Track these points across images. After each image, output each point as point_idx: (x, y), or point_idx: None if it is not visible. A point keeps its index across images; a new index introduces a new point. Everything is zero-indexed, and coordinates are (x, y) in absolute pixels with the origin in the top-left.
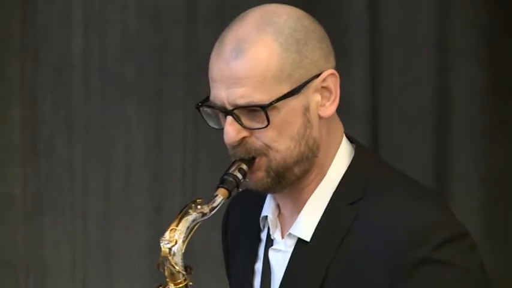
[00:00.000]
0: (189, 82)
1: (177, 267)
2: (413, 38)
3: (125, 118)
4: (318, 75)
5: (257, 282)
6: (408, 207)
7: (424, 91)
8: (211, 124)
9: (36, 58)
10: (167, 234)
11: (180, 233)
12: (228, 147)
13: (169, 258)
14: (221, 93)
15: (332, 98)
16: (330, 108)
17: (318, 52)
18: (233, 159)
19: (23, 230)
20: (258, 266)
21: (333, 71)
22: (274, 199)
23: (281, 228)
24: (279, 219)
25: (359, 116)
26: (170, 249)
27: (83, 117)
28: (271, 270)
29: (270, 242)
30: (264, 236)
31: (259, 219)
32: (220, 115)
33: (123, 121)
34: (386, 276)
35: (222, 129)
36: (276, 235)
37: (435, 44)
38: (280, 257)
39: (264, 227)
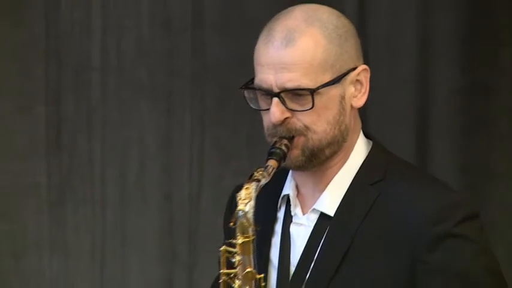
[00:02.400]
0: (196, 83)
1: (249, 222)
2: (398, 42)
3: (138, 116)
4: (353, 69)
5: (274, 254)
6: (428, 188)
7: (407, 91)
8: (252, 105)
9: (59, 60)
10: (243, 193)
11: (251, 192)
12: (270, 126)
13: (245, 211)
14: (269, 77)
15: (363, 91)
16: (361, 99)
17: (354, 48)
18: (274, 138)
19: (48, 216)
20: (275, 240)
21: (366, 66)
22: (294, 180)
23: (301, 206)
24: (298, 199)
25: None
26: (246, 203)
27: (100, 115)
28: (292, 244)
29: (289, 218)
30: (281, 214)
31: (276, 200)
32: (264, 98)
33: (137, 118)
34: (409, 249)
35: (261, 110)
36: (297, 211)
37: (417, 48)
38: (301, 231)
39: (280, 207)
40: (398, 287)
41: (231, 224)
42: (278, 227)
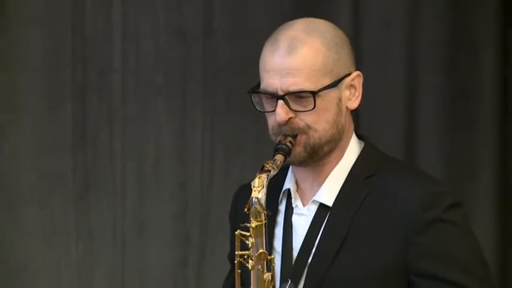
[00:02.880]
0: (207, 86)
1: (262, 207)
2: (388, 50)
3: (155, 114)
4: (348, 75)
5: (277, 243)
6: (418, 180)
7: (397, 94)
8: (258, 108)
9: (84, 64)
10: (256, 181)
11: (263, 181)
12: (275, 126)
13: (259, 197)
14: (275, 82)
15: (357, 94)
16: (355, 102)
17: (348, 55)
18: (279, 137)
19: (73, 205)
20: (277, 230)
21: (359, 72)
22: (294, 176)
23: (301, 199)
24: (298, 193)
25: None
26: (259, 191)
27: (121, 113)
28: (294, 232)
29: (290, 209)
30: (282, 207)
31: (278, 195)
32: (269, 101)
33: (154, 117)
34: (402, 233)
35: (267, 112)
36: (298, 203)
37: (406, 55)
38: (302, 220)
39: (281, 201)
40: (391, 268)
41: (245, 209)
42: (280, 219)
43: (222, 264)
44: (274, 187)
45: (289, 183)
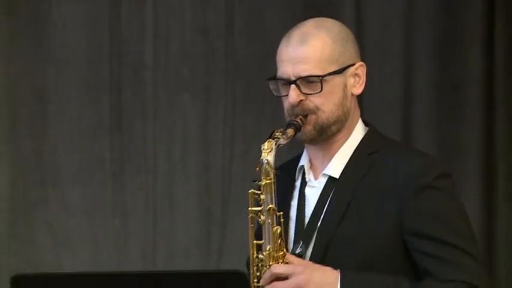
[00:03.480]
0: (228, 79)
1: (271, 167)
2: (387, 46)
3: (182, 104)
4: (353, 64)
5: (293, 213)
6: (412, 155)
7: (395, 85)
8: (275, 93)
9: (120, 61)
10: (266, 145)
11: (273, 145)
12: (289, 108)
13: (268, 159)
14: (288, 69)
15: (360, 82)
16: (359, 88)
17: (353, 48)
18: (292, 117)
19: (111, 184)
20: (293, 202)
21: (363, 63)
22: (308, 155)
23: (313, 173)
24: (311, 169)
25: None
26: (268, 153)
27: (152, 103)
28: (306, 202)
29: (304, 183)
30: (298, 183)
31: (294, 174)
32: (284, 86)
33: (181, 106)
34: (398, 198)
35: (282, 96)
36: (310, 177)
37: (402, 51)
38: (314, 191)
39: (297, 178)
40: (389, 229)
41: (257, 168)
42: (296, 192)
43: (241, 237)
44: (292, 168)
45: (303, 161)
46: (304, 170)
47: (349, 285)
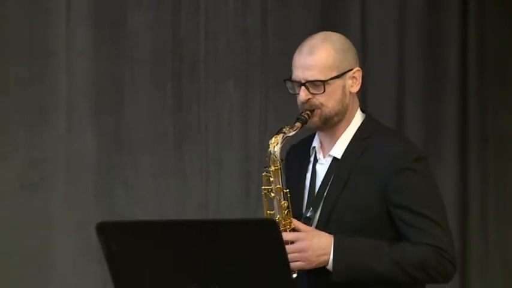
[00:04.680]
0: (263, 70)
1: (277, 157)
2: (385, 48)
3: (227, 90)
4: (351, 69)
5: (307, 183)
6: (395, 141)
7: (391, 79)
8: (290, 91)
9: (180, 55)
10: (273, 139)
11: (279, 139)
12: (300, 104)
13: (275, 151)
14: (299, 74)
15: (357, 83)
16: (356, 88)
17: (352, 57)
18: (302, 110)
19: (173, 152)
20: (308, 175)
21: (359, 68)
22: (318, 138)
23: (322, 153)
24: (321, 149)
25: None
26: (275, 146)
27: (204, 89)
28: (316, 176)
29: (315, 160)
30: (311, 159)
31: (308, 151)
32: (297, 86)
33: (227, 92)
34: (383, 176)
35: (296, 94)
36: (320, 156)
37: (397, 51)
38: (322, 168)
39: (311, 155)
40: (377, 199)
41: (266, 157)
42: (310, 167)
43: None
44: (307, 144)
45: (315, 142)
46: (315, 150)
47: (339, 246)
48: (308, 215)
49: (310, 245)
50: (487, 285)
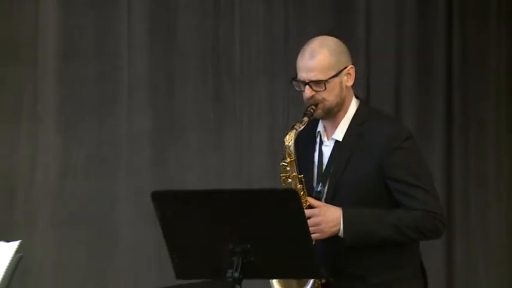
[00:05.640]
0: (287, 68)
1: (291, 151)
2: (385, 51)
3: (258, 84)
4: (345, 68)
5: (316, 160)
6: (387, 124)
7: (390, 76)
8: (297, 88)
9: (218, 57)
10: (288, 136)
11: (292, 136)
12: (305, 99)
13: (289, 146)
14: (303, 75)
15: (351, 78)
16: (350, 82)
17: (346, 57)
18: (307, 105)
19: (215, 132)
20: (315, 154)
21: (352, 66)
22: (322, 123)
23: (326, 136)
24: (325, 132)
25: (360, 80)
26: (289, 141)
27: (240, 83)
28: (323, 155)
29: (321, 142)
30: (318, 140)
31: (315, 134)
32: (302, 85)
33: (258, 85)
34: (379, 156)
35: (302, 91)
36: (325, 139)
37: (394, 47)
38: (327, 149)
39: (317, 137)
40: (376, 174)
41: (283, 151)
42: (317, 147)
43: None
44: (313, 131)
45: (320, 127)
46: (320, 134)
47: (347, 218)
48: (318, 189)
49: (324, 219)
50: (467, 242)
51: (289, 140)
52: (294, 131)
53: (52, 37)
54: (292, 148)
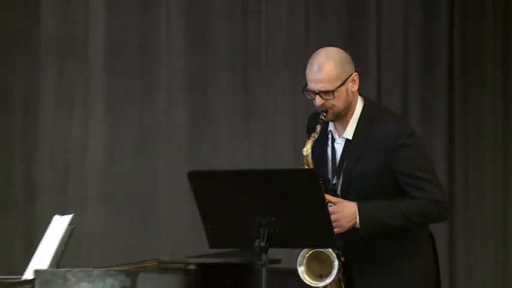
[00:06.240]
0: (304, 66)
1: (309, 160)
2: (393, 40)
3: (282, 79)
4: (350, 75)
5: (329, 156)
6: (392, 122)
7: (396, 64)
8: (308, 97)
9: (248, 55)
10: (305, 147)
11: (309, 146)
12: (317, 107)
13: (307, 156)
14: (313, 86)
15: (356, 84)
16: (355, 87)
17: (350, 66)
18: (319, 112)
19: (244, 120)
20: (329, 149)
21: (356, 73)
22: (333, 123)
23: (338, 134)
24: (336, 131)
25: (372, 75)
26: (307, 151)
27: (266, 78)
28: (336, 152)
29: (333, 140)
30: (330, 137)
31: (326, 133)
32: (312, 94)
33: (281, 80)
34: (385, 152)
35: (313, 99)
36: (336, 137)
37: (400, 46)
38: (339, 146)
39: (329, 136)
40: (384, 169)
41: (301, 161)
42: (329, 142)
43: None
44: (325, 129)
45: (331, 127)
46: (332, 132)
47: (363, 212)
48: (334, 182)
49: (342, 215)
50: (467, 217)
51: (307, 150)
52: (311, 141)
53: (101, 36)
54: (310, 158)
